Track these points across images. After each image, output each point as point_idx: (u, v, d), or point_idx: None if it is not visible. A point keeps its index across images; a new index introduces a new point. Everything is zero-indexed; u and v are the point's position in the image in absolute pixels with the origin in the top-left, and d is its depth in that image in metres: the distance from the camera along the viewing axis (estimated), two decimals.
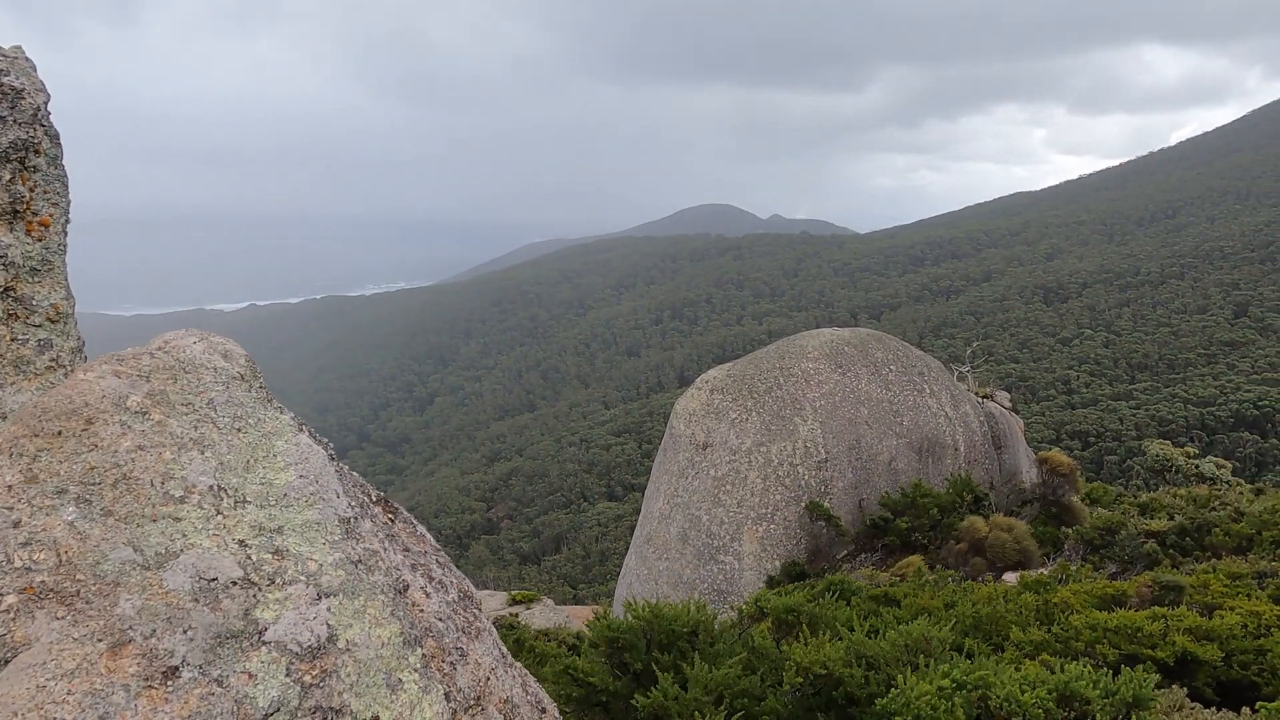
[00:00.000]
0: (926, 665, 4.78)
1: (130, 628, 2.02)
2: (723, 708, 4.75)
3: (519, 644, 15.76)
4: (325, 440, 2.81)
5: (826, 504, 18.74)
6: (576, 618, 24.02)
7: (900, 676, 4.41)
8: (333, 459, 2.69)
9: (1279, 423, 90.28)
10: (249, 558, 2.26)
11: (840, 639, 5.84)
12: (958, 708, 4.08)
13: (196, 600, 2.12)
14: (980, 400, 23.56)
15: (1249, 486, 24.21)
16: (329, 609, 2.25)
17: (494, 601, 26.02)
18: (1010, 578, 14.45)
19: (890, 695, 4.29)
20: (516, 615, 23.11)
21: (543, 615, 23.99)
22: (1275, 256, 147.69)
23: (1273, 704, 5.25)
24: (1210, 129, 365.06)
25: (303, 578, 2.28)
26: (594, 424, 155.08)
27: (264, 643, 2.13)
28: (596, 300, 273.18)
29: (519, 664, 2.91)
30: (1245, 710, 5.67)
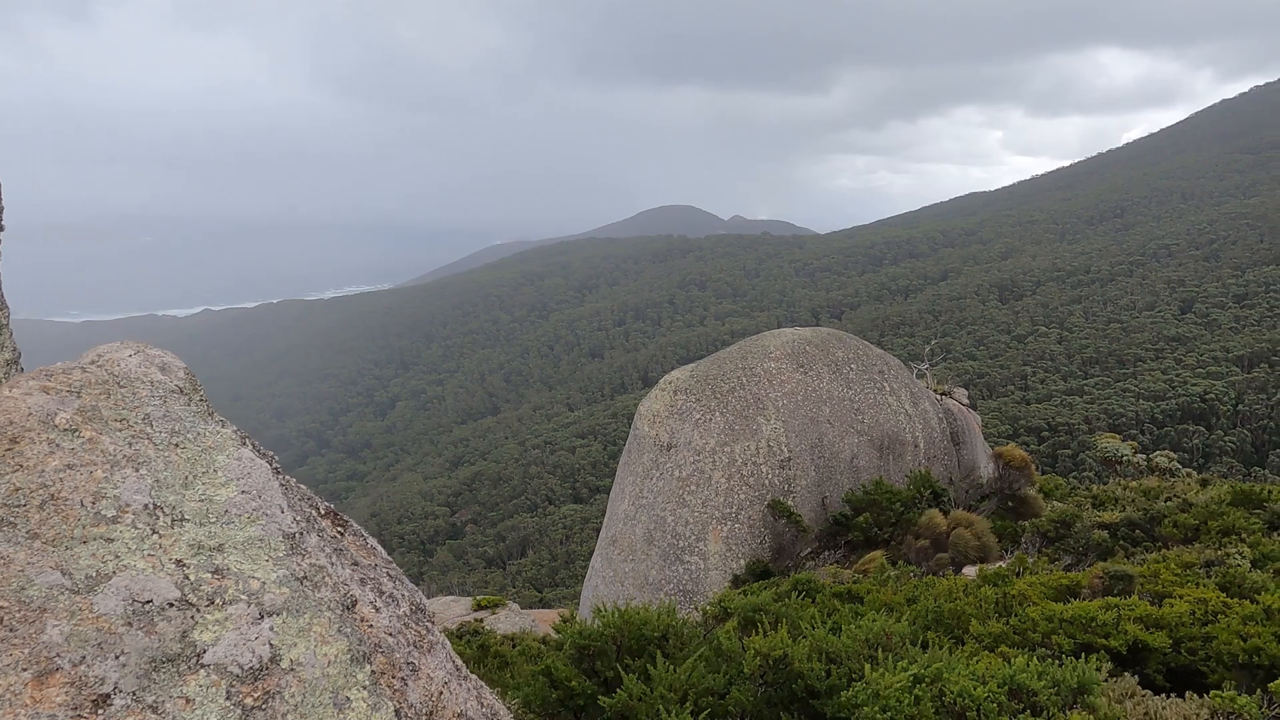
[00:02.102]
0: (885, 660, 4.84)
1: (58, 655, 1.93)
2: (688, 705, 4.75)
3: (484, 650, 15.60)
4: (270, 453, 2.73)
5: (790, 502, 18.88)
6: (542, 621, 23.86)
7: (867, 670, 4.45)
8: (278, 472, 2.61)
9: (1224, 415, 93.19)
10: (187, 578, 2.17)
11: (804, 636, 5.88)
12: (925, 701, 4.13)
13: (129, 624, 2.03)
14: (939, 397, 23.93)
15: (1196, 478, 24.92)
16: (272, 628, 2.18)
17: (458, 607, 25.75)
18: (970, 571, 14.69)
19: (855, 687, 4.33)
20: (481, 621, 22.88)
21: (508, 620, 23.79)
22: (1218, 254, 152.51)
23: (1226, 693, 5.40)
24: (1157, 130, 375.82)
25: (244, 597, 2.21)
26: (558, 426, 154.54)
27: (202, 665, 2.06)
28: (559, 302, 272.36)
29: (474, 676, 2.85)
30: (1191, 695, 5.82)
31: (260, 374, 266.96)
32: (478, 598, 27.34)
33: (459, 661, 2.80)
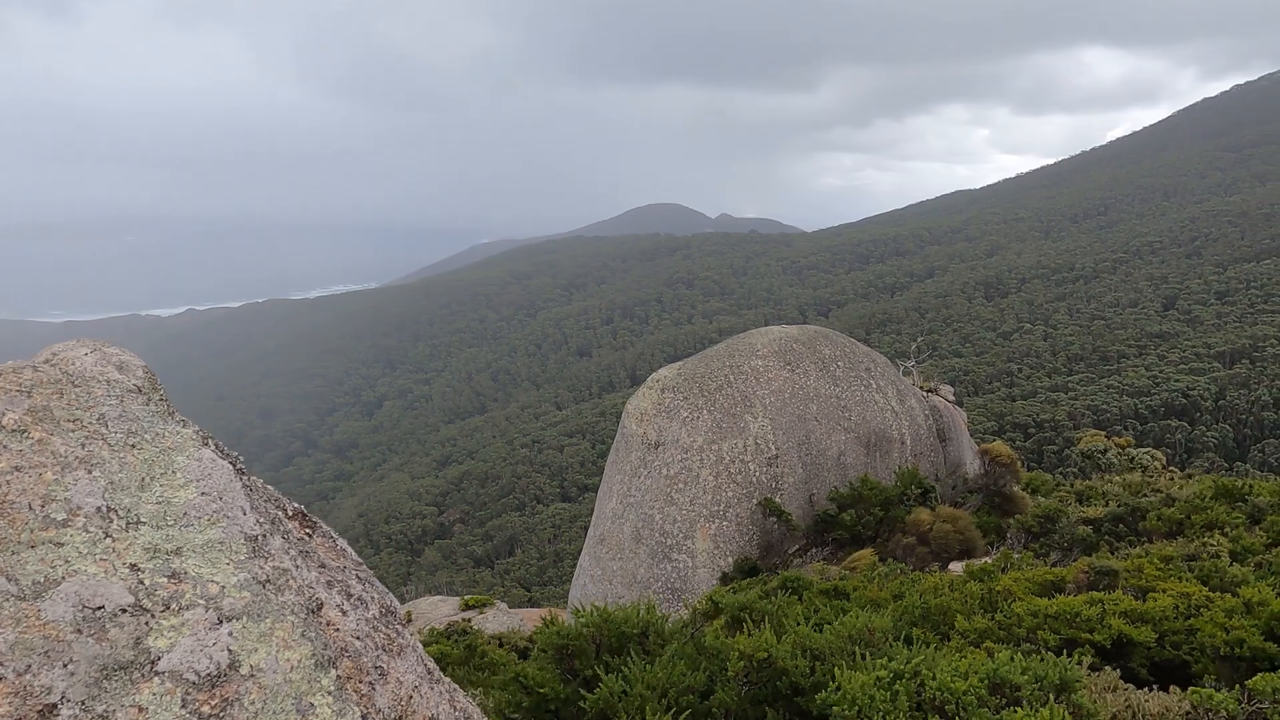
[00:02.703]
0: (867, 656, 4.82)
1: (1, 664, 1.86)
2: (667, 703, 4.72)
3: (471, 649, 15.55)
4: (234, 454, 2.66)
5: (778, 499, 18.89)
6: (530, 621, 23.81)
7: (838, 670, 4.44)
8: (241, 473, 2.55)
9: (1206, 411, 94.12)
10: (141, 583, 2.11)
11: (788, 633, 5.87)
12: (900, 697, 4.12)
13: (79, 631, 1.97)
14: (925, 394, 24.01)
15: (1179, 473, 25.15)
16: (231, 633, 2.11)
17: (446, 607, 25.66)
18: (956, 567, 14.74)
19: (829, 689, 4.31)
20: (469, 620, 22.82)
21: (496, 619, 23.73)
22: (1200, 251, 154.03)
23: (1204, 690, 5.41)
24: (1140, 129, 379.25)
25: (202, 601, 2.14)
26: (546, 425, 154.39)
27: (157, 673, 1.99)
28: (547, 301, 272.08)
29: (448, 679, 2.80)
30: (1175, 689, 5.84)
31: (245, 374, 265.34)
32: (465, 597, 27.26)
33: (432, 664, 2.74)
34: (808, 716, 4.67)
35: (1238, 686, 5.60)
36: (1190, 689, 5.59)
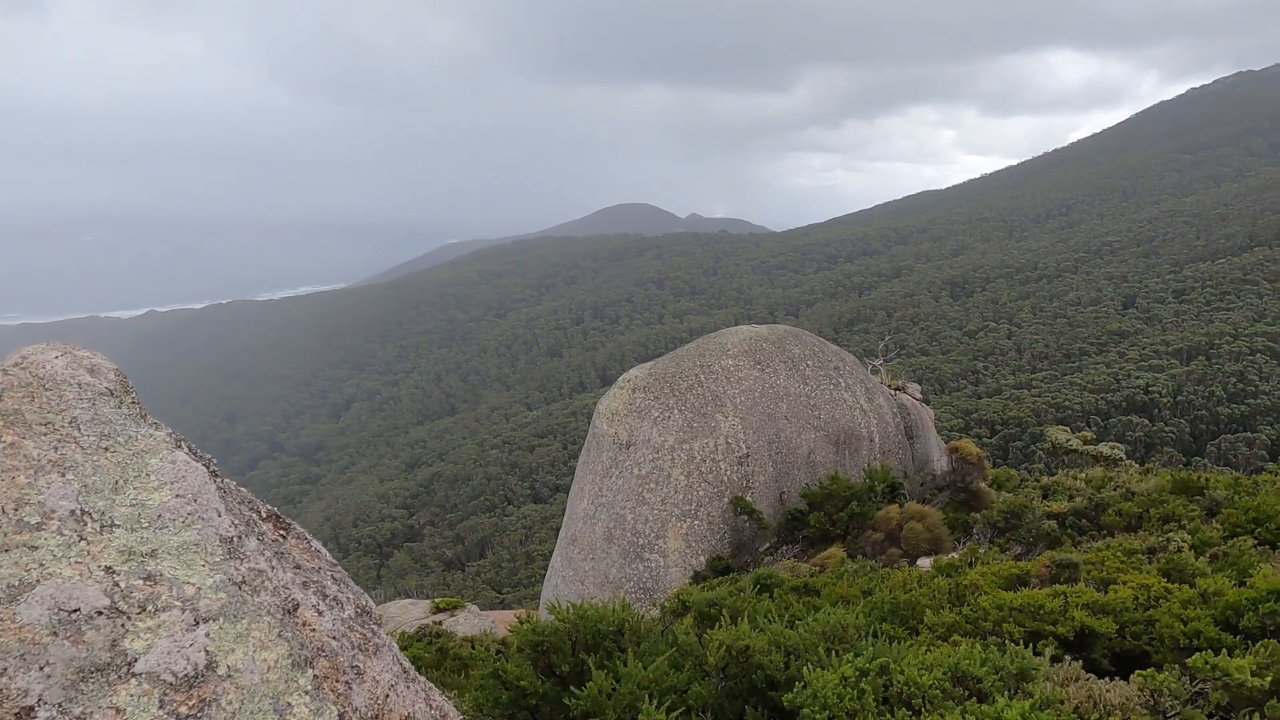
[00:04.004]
0: (838, 653, 4.90)
1: None
2: (654, 702, 4.75)
3: (442, 652, 15.44)
4: (208, 456, 2.65)
5: (748, 498, 19.02)
6: (502, 622, 23.70)
7: (805, 669, 4.51)
8: (215, 475, 2.54)
9: (1164, 407, 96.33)
10: (117, 585, 2.10)
11: (761, 630, 5.94)
12: (867, 694, 4.19)
13: (55, 634, 1.95)
14: (893, 392, 24.31)
15: (1139, 467, 25.71)
16: (208, 634, 2.11)
17: (416, 610, 25.44)
18: (924, 563, 14.95)
19: (797, 689, 4.38)
20: (440, 623, 22.64)
21: (467, 622, 23.57)
22: (1158, 251, 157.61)
23: (1148, 672, 5.58)
24: (1100, 130, 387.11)
25: (178, 603, 2.14)
26: (517, 426, 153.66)
27: (134, 675, 1.99)
28: (516, 301, 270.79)
29: (423, 678, 2.81)
30: (1136, 677, 6.00)
31: (209, 377, 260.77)
32: (436, 600, 27.03)
33: (407, 663, 2.75)
34: (782, 711, 4.74)
35: (1177, 667, 5.78)
36: (1136, 672, 5.76)
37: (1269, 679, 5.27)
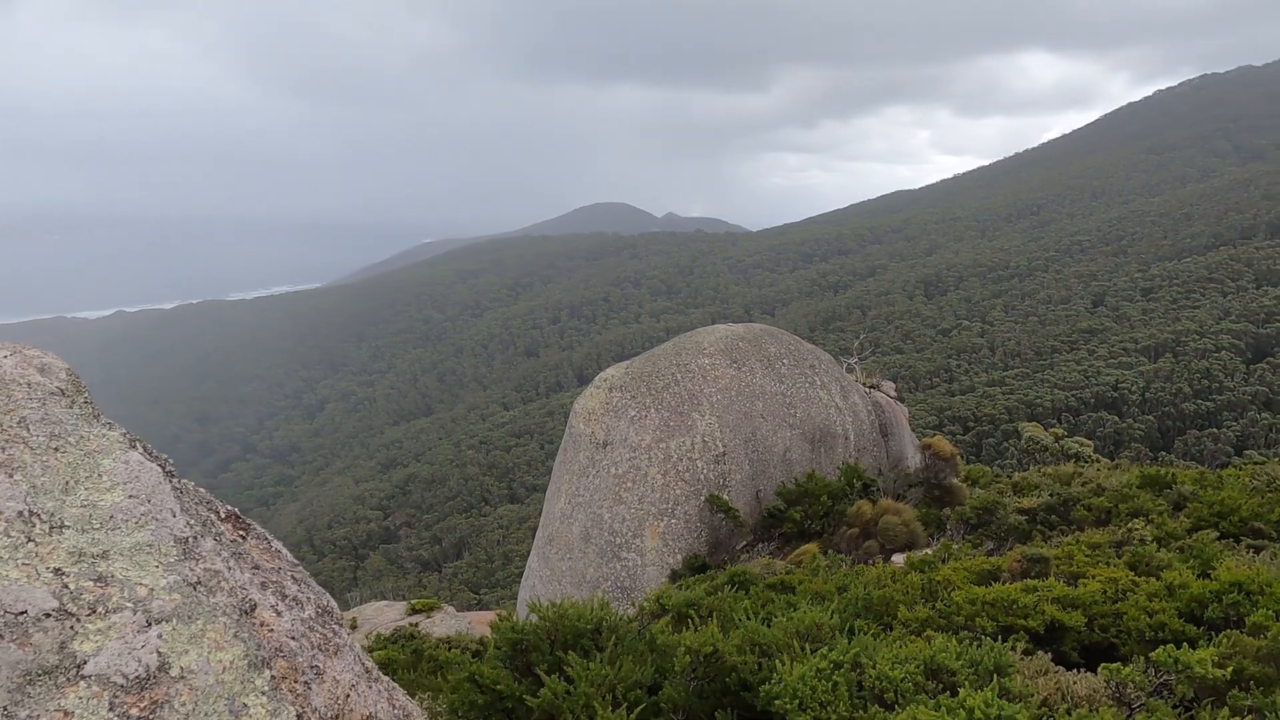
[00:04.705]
0: (813, 649, 4.92)
1: None
2: (614, 699, 4.74)
3: (418, 654, 15.34)
4: (164, 456, 2.60)
5: (725, 496, 19.07)
6: (479, 623, 23.59)
7: (778, 662, 4.52)
8: (171, 475, 2.49)
9: (1133, 403, 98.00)
10: (66, 587, 2.05)
11: (736, 628, 5.95)
12: (840, 687, 4.21)
13: (1, 637, 1.91)
14: (868, 390, 24.48)
15: (1108, 463, 26.15)
16: (160, 635, 2.07)
17: (392, 612, 25.26)
18: (899, 559, 15.08)
19: (771, 681, 4.39)
20: (416, 625, 22.49)
21: (443, 623, 23.44)
22: (1126, 250, 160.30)
23: (1113, 665, 5.67)
24: (1070, 131, 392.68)
25: (130, 604, 2.09)
26: (493, 426, 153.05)
27: (83, 677, 1.94)
28: (493, 300, 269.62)
29: (386, 678, 2.78)
30: (1103, 669, 6.09)
31: (180, 378, 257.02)
32: (412, 602, 26.85)
33: (370, 663, 2.72)
34: (755, 712, 4.75)
35: (1142, 659, 5.88)
36: (1102, 665, 5.85)
37: (1230, 670, 5.38)
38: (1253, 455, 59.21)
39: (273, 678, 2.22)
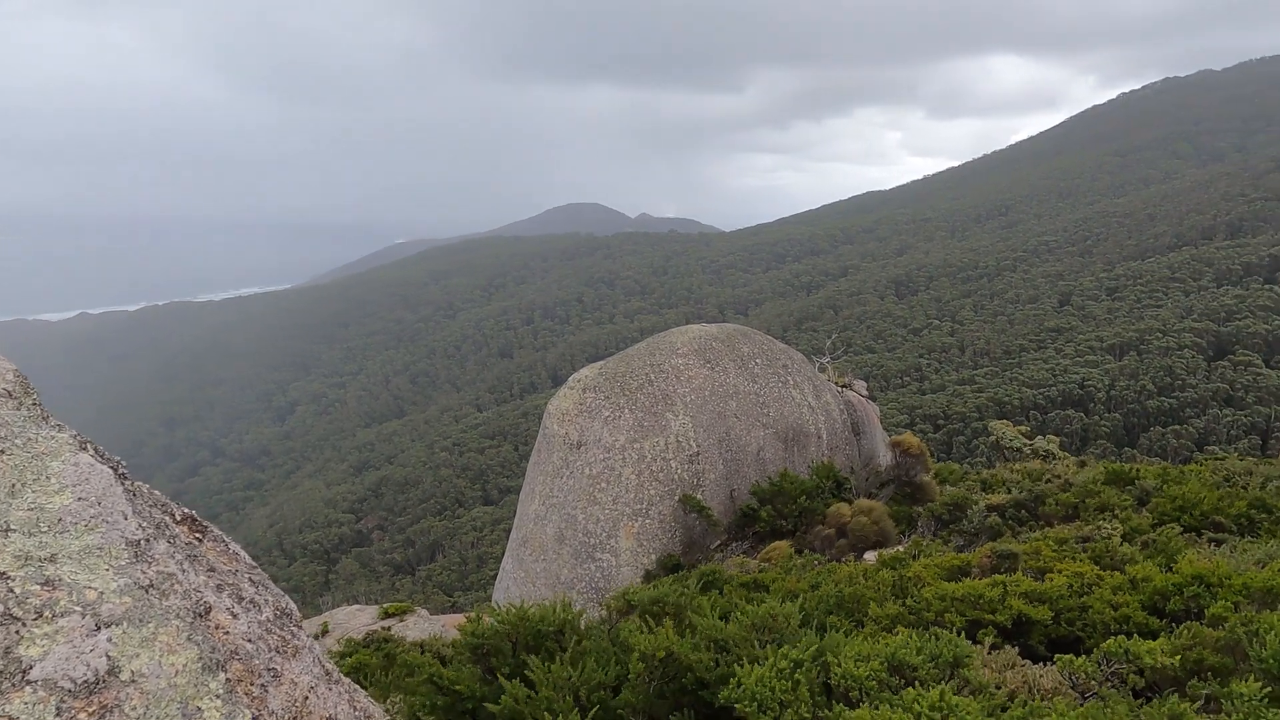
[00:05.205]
0: (772, 645, 4.93)
1: None
2: (576, 701, 4.71)
3: (390, 658, 15.19)
4: (116, 459, 2.55)
5: (699, 496, 19.11)
6: (452, 626, 23.40)
7: (737, 665, 4.53)
8: (123, 478, 2.44)
9: (1099, 401, 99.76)
10: (11, 591, 2.00)
11: (693, 627, 5.95)
12: (801, 686, 4.23)
13: None
14: (840, 389, 24.67)
15: (1075, 460, 26.57)
16: (110, 639, 2.03)
17: (364, 616, 24.98)
18: (870, 556, 15.22)
19: (730, 685, 4.40)
20: (389, 629, 22.26)
21: (417, 627, 23.23)
22: (1092, 250, 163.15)
23: (1066, 656, 5.78)
24: (1037, 133, 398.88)
25: (78, 608, 2.05)
26: (467, 427, 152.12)
27: (29, 682, 1.90)
28: (466, 301, 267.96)
29: (348, 680, 2.74)
30: (1058, 659, 6.20)
31: (146, 381, 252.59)
32: (384, 606, 26.59)
33: (330, 666, 2.68)
34: (715, 710, 4.74)
35: (1097, 650, 5.99)
36: (1056, 657, 5.95)
37: (1179, 660, 5.48)
38: (1214, 451, 60.65)
39: (228, 680, 2.18)
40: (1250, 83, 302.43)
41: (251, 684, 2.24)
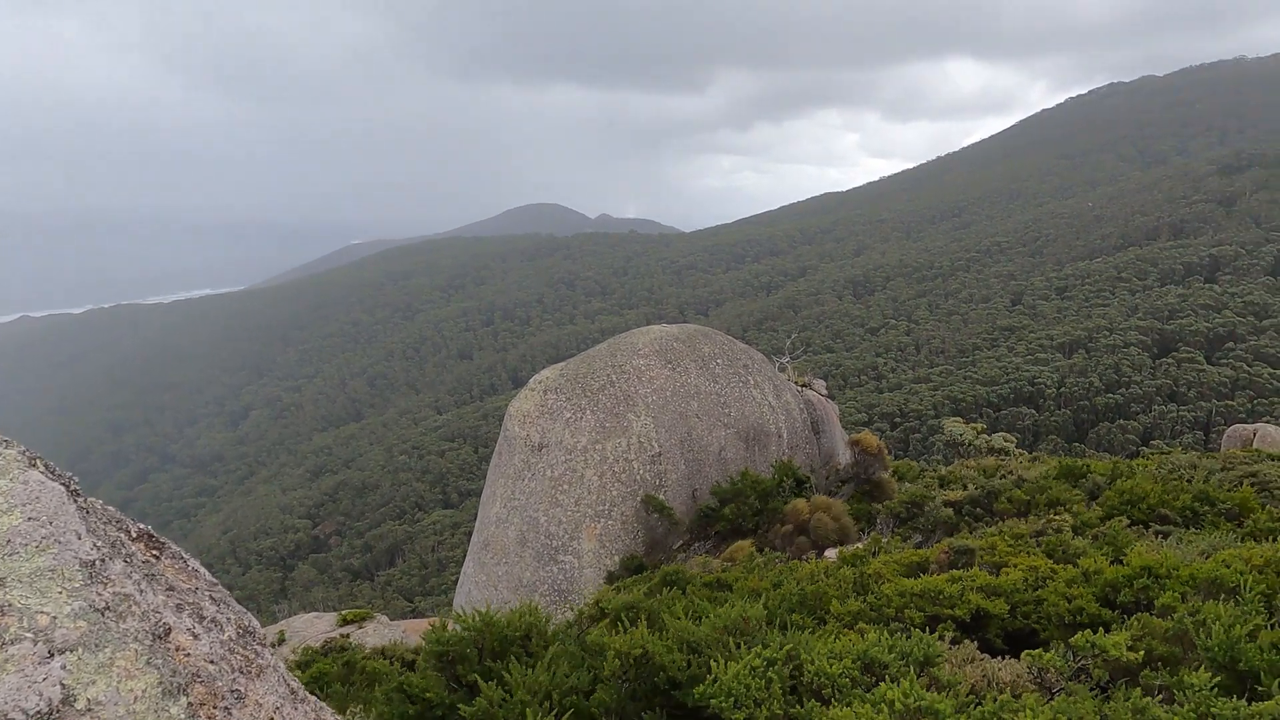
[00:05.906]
0: (744, 645, 4.97)
1: None
2: (550, 705, 4.70)
3: (350, 666, 14.94)
4: (68, 475, 2.46)
5: (661, 496, 19.13)
6: (413, 632, 23.11)
7: (713, 661, 4.55)
8: (76, 495, 2.35)
9: (1050, 398, 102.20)
10: None
11: (666, 629, 5.96)
12: (774, 683, 4.26)
13: None
14: (800, 389, 24.90)
15: (1028, 456, 27.17)
16: (64, 666, 1.95)
17: (322, 624, 24.53)
18: (831, 554, 15.37)
19: (707, 682, 4.42)
20: (348, 636, 21.89)
21: (376, 633, 22.88)
22: (1042, 250, 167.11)
23: (1035, 652, 5.92)
24: (990, 136, 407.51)
25: (30, 634, 1.96)
26: (426, 430, 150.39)
27: None
28: (425, 302, 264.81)
29: (314, 698, 2.68)
30: (1026, 654, 6.33)
31: (90, 386, 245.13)
32: (343, 612, 26.14)
33: (296, 684, 2.62)
34: (686, 710, 4.76)
35: (1061, 644, 6.13)
36: (1025, 652, 6.07)
37: (1141, 652, 5.64)
38: (1159, 445, 62.42)
39: (190, 705, 2.12)
40: (1190, 88, 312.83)
41: (214, 707, 2.17)
